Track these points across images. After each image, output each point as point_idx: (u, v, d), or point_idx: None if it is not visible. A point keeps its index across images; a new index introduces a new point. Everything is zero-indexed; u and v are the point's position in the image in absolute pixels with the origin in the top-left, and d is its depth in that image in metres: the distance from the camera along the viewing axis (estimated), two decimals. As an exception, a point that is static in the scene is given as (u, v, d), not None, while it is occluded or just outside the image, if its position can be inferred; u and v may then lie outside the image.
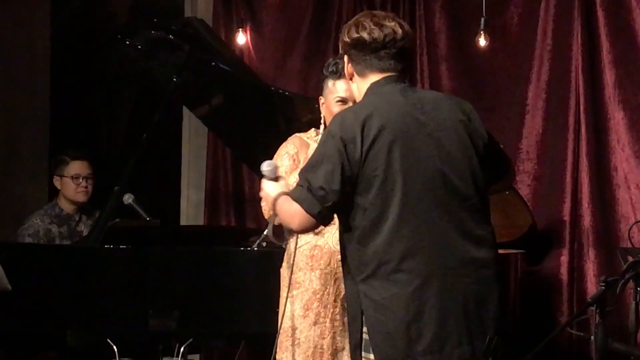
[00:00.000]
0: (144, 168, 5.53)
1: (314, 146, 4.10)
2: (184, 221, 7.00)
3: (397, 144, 3.19)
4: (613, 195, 5.66)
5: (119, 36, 5.88)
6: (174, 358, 4.14)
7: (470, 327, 3.18)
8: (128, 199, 5.38)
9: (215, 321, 4.35)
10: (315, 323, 4.04)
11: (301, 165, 3.94)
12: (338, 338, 4.03)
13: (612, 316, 3.08)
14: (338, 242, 3.60)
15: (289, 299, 4.06)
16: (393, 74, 3.34)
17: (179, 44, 5.50)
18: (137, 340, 4.77)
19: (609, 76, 5.64)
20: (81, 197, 5.82)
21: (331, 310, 4.04)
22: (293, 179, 3.88)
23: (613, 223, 5.65)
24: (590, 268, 5.68)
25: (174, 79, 5.41)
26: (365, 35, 3.32)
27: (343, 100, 4.01)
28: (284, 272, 4.14)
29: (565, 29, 5.81)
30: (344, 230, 3.28)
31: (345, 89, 3.97)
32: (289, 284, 4.02)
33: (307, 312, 4.04)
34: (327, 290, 4.04)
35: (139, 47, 5.72)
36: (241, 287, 4.82)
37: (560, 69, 5.82)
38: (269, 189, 3.47)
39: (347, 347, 3.89)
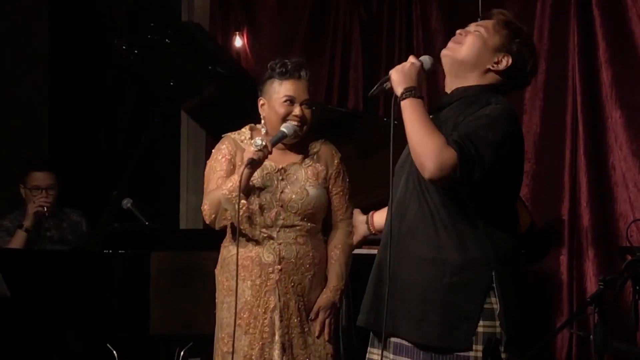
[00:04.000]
0: (143, 172, 5.54)
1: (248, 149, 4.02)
2: (183, 225, 7.00)
3: None
4: (611, 194, 5.66)
5: (116, 40, 5.90)
6: (175, 362, 4.14)
7: None
8: (127, 203, 5.39)
9: (214, 324, 4.33)
10: (245, 333, 3.96)
11: (237, 169, 3.90)
12: (266, 350, 3.94)
13: (611, 315, 3.09)
14: (270, 255, 3.87)
15: (224, 305, 4.02)
16: None
17: (176, 48, 5.51)
18: (137, 344, 4.77)
19: (605, 75, 5.65)
20: (40, 209, 5.54)
21: (261, 322, 3.95)
22: (230, 183, 3.86)
23: (612, 222, 5.65)
24: (590, 267, 5.68)
25: (171, 83, 5.42)
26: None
27: (291, 100, 3.99)
28: (218, 276, 4.08)
29: (561, 29, 5.81)
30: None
31: (294, 89, 3.99)
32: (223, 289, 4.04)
33: (239, 321, 3.95)
34: (258, 302, 3.95)
35: (136, 51, 5.73)
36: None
37: (557, 69, 5.82)
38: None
39: (276, 358, 3.91)
